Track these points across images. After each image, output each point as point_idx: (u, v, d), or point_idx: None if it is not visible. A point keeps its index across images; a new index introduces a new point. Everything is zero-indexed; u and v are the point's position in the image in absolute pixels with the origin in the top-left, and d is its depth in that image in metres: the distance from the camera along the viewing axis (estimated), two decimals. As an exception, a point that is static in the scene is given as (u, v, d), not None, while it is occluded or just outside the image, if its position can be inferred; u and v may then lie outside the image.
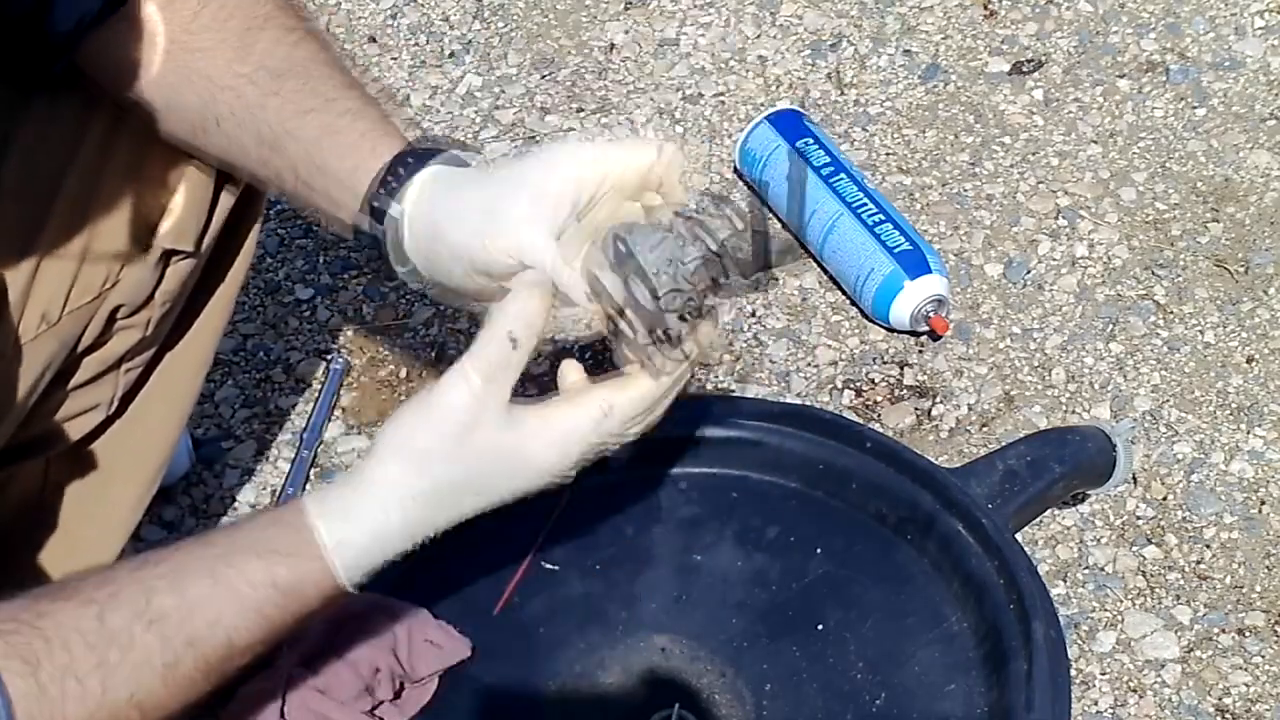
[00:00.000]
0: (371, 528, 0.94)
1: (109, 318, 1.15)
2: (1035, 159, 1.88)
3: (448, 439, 0.94)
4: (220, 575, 0.91)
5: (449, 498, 0.96)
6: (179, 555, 0.93)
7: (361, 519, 0.94)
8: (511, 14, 2.08)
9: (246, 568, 0.92)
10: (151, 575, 0.91)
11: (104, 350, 1.18)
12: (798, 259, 0.93)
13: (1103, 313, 1.73)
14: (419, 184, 1.02)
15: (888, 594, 1.23)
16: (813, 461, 1.30)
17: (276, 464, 1.63)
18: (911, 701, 1.17)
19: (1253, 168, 1.86)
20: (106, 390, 1.21)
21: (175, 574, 0.91)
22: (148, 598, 0.89)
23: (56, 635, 0.86)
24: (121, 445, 1.25)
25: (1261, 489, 1.58)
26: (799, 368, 1.69)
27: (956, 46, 2.01)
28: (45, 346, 1.12)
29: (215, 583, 0.91)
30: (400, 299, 1.77)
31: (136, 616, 0.89)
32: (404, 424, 0.95)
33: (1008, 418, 1.64)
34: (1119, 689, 1.44)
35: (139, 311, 1.17)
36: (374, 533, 0.94)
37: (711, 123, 1.94)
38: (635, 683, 1.19)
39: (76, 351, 1.16)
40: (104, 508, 1.28)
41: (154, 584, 0.90)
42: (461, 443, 0.94)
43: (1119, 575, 1.52)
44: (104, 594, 0.89)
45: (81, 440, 1.23)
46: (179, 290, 1.20)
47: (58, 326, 1.12)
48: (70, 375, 1.17)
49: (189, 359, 1.27)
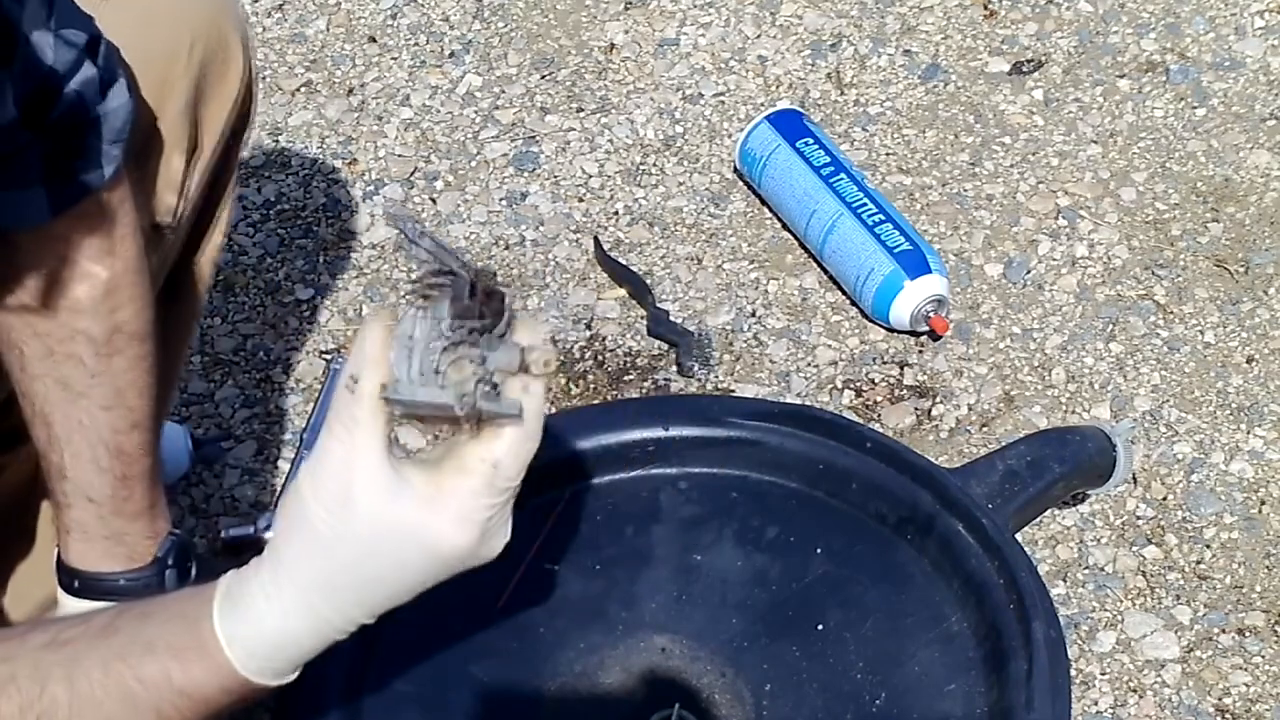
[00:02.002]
0: (270, 622, 0.85)
1: None
2: (1035, 159, 1.88)
3: (331, 510, 0.83)
4: (113, 670, 0.85)
5: (348, 581, 0.85)
6: (85, 639, 0.86)
7: (255, 611, 0.85)
8: (511, 14, 2.08)
9: (141, 665, 0.85)
10: (51, 659, 0.85)
11: None
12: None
13: (1103, 313, 1.73)
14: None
15: (888, 594, 1.23)
16: (813, 461, 1.30)
17: (276, 464, 1.63)
18: (911, 701, 1.17)
19: (1253, 168, 1.86)
20: None
21: (71, 662, 0.85)
22: (42, 685, 0.84)
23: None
24: None
25: (1261, 489, 1.58)
26: (799, 368, 1.69)
27: (956, 46, 2.01)
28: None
29: (107, 678, 0.85)
30: (400, 299, 1.77)
31: (27, 709, 0.84)
32: (291, 507, 0.85)
33: (1008, 418, 1.64)
34: (1119, 689, 1.44)
35: None
36: (273, 627, 0.85)
37: (711, 123, 1.94)
38: (635, 683, 1.19)
39: None
40: None
41: (51, 669, 0.85)
42: (346, 516, 0.83)
43: (1119, 575, 1.52)
44: (3, 671, 0.84)
45: None
46: (158, 267, 1.19)
47: None
48: None
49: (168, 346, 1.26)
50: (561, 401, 1.67)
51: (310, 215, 1.85)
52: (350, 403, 0.83)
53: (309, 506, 0.84)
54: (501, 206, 1.85)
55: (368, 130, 1.93)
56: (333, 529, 0.83)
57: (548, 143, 1.92)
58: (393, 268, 1.80)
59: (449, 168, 1.89)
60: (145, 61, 1.11)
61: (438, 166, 1.89)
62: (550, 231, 1.81)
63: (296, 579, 0.85)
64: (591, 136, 1.93)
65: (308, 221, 1.85)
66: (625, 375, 1.68)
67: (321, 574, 0.84)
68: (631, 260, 1.78)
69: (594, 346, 1.70)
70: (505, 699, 1.14)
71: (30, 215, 1.04)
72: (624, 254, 1.79)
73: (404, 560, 0.85)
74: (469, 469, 0.84)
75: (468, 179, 1.88)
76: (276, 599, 0.85)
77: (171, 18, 1.19)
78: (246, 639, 0.85)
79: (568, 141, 1.93)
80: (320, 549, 0.84)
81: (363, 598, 0.86)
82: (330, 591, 0.85)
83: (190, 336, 1.30)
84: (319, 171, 1.90)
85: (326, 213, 1.85)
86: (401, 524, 0.83)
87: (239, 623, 0.85)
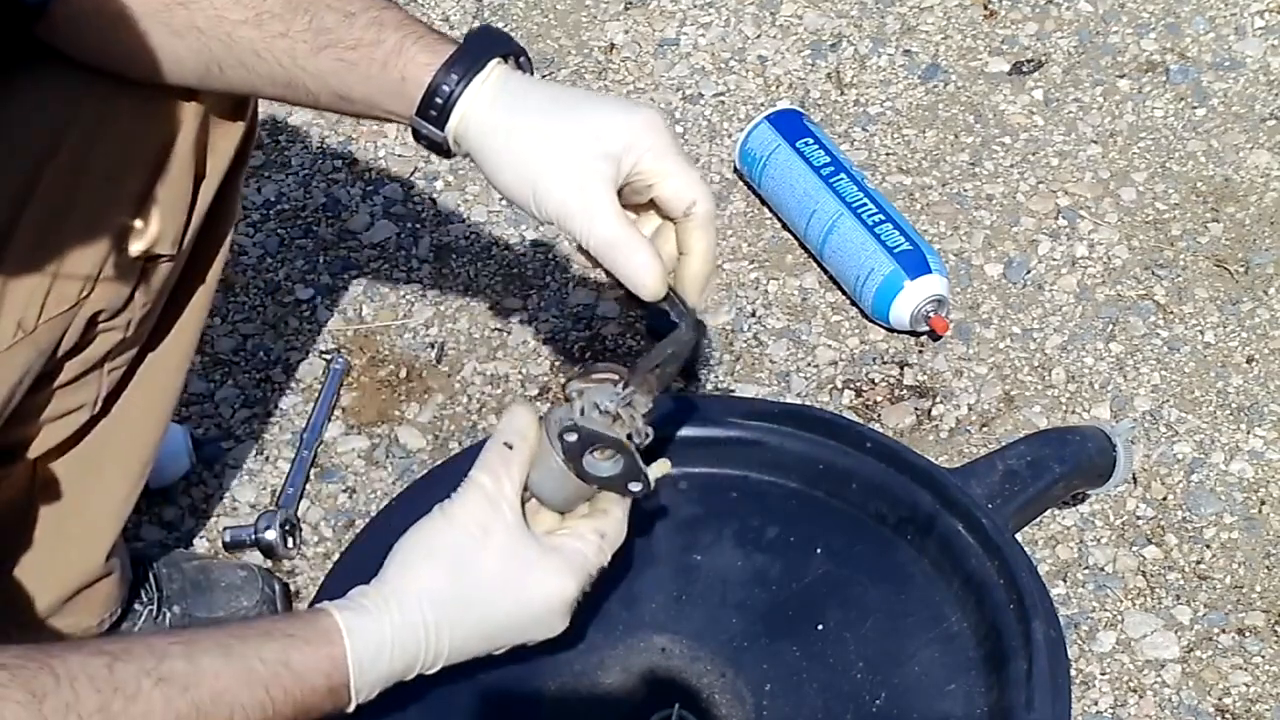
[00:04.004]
0: (390, 621, 0.96)
1: (89, 321, 1.15)
2: (1035, 159, 1.88)
3: (471, 535, 0.98)
4: (233, 650, 0.92)
5: (462, 608, 0.98)
6: (192, 629, 0.95)
7: (379, 612, 0.96)
8: (511, 14, 2.08)
9: (261, 645, 0.93)
10: (164, 640, 0.92)
11: (86, 353, 1.17)
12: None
13: (1103, 313, 1.73)
14: (460, 116, 1.02)
15: (888, 594, 1.23)
16: (813, 461, 1.30)
17: (276, 464, 1.63)
18: (911, 701, 1.17)
19: (1253, 168, 1.86)
20: (90, 391, 1.21)
21: (188, 642, 0.91)
22: (159, 658, 0.90)
23: (65, 674, 0.86)
24: (107, 444, 1.25)
25: (1261, 489, 1.58)
26: (799, 368, 1.69)
27: (956, 46, 2.01)
28: (21, 354, 1.11)
29: (228, 656, 0.92)
30: (400, 299, 1.77)
31: (145, 673, 0.89)
32: (425, 530, 0.99)
33: (1008, 418, 1.64)
34: (1119, 689, 1.44)
35: (119, 314, 1.17)
36: (391, 625, 0.96)
37: (711, 123, 1.94)
38: (635, 683, 1.19)
39: (57, 355, 1.15)
40: (92, 506, 1.28)
41: (167, 648, 0.91)
42: (481, 544, 0.98)
43: (1119, 575, 1.52)
44: (116, 647, 0.90)
45: (67, 440, 1.23)
46: (160, 291, 1.19)
47: (34, 335, 1.10)
48: (53, 378, 1.17)
49: (171, 356, 1.26)
50: (562, 401, 1.67)
51: (310, 215, 1.85)
52: (504, 458, 1.00)
53: (440, 536, 0.98)
54: (501, 206, 1.85)
55: (368, 130, 1.93)
56: (465, 556, 0.98)
57: (548, 143, 1.92)
58: (393, 268, 1.80)
59: (449, 167, 1.89)
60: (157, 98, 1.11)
61: (438, 166, 1.89)
62: (550, 231, 1.81)
63: (423, 592, 0.97)
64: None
65: (308, 221, 1.85)
66: (625, 375, 1.68)
67: (445, 591, 0.97)
68: (631, 260, 1.78)
69: (594, 346, 1.70)
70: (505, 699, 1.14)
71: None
72: (624, 254, 1.79)
73: (509, 597, 0.99)
74: (583, 535, 1.02)
75: (468, 179, 1.88)
76: (399, 607, 0.96)
77: None
78: (368, 633, 0.95)
79: (568, 141, 1.92)
80: (452, 568, 0.97)
81: (468, 633, 0.99)
82: (450, 610, 0.97)
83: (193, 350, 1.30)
84: (319, 171, 1.89)
85: (326, 213, 1.85)
86: (523, 563, 0.99)
87: (363, 619, 0.95)
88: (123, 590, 1.37)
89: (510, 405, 1.04)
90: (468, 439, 1.64)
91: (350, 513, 1.59)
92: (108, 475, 1.28)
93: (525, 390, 1.68)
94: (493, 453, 1.01)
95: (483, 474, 1.00)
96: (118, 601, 1.37)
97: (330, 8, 1.04)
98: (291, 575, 1.55)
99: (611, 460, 1.03)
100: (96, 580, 1.32)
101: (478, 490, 1.00)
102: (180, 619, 1.44)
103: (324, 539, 1.58)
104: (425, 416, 1.67)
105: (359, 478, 1.62)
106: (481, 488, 1.00)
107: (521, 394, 1.68)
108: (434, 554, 0.98)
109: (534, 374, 1.70)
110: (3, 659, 0.85)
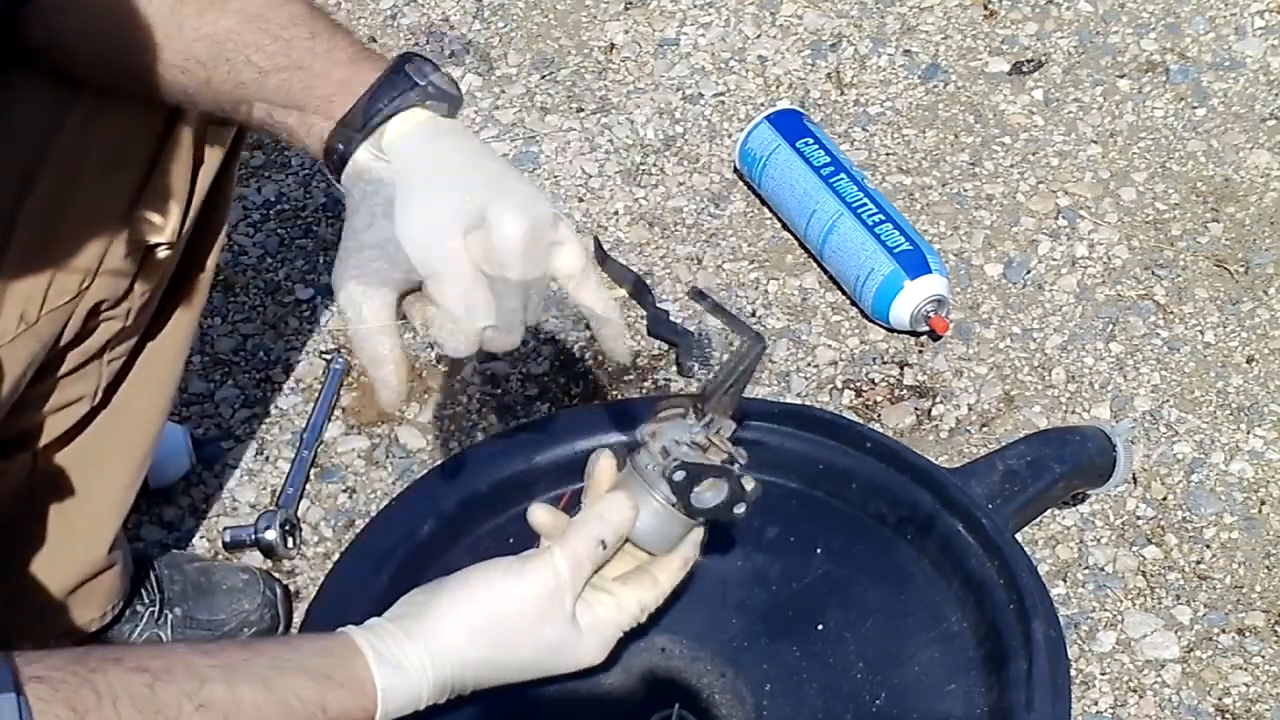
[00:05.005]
0: (421, 680, 0.97)
1: (91, 311, 1.15)
2: (1035, 159, 1.88)
3: (528, 617, 1.00)
4: (272, 684, 0.92)
5: (492, 672, 1.01)
6: (227, 652, 0.94)
7: (415, 673, 0.97)
8: (511, 14, 2.08)
9: (299, 684, 0.93)
10: (204, 662, 0.92)
11: (87, 342, 1.17)
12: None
13: (1103, 313, 1.73)
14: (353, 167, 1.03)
15: (888, 594, 1.23)
16: (813, 461, 1.30)
17: (276, 464, 1.63)
18: (911, 701, 1.17)
19: (1253, 168, 1.86)
20: (90, 382, 1.21)
21: (227, 669, 0.92)
22: (200, 682, 0.90)
23: (107, 692, 0.86)
24: (108, 434, 1.25)
25: (1261, 489, 1.58)
26: (799, 368, 1.69)
27: (956, 46, 2.01)
28: (24, 346, 1.11)
29: (267, 690, 0.92)
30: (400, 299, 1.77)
31: (187, 696, 0.89)
32: (486, 593, 1.00)
33: (1008, 418, 1.64)
34: (1119, 689, 1.44)
35: (120, 304, 1.17)
36: (426, 687, 0.98)
37: (711, 123, 1.94)
38: (635, 683, 1.19)
39: (59, 346, 1.15)
40: (93, 496, 1.28)
41: (207, 671, 0.91)
42: (532, 632, 1.00)
43: (1119, 575, 1.52)
44: (157, 665, 0.90)
45: (68, 432, 1.23)
46: (159, 280, 1.19)
47: (36, 327, 1.11)
48: (54, 368, 1.17)
49: (170, 345, 1.27)
50: (562, 401, 1.67)
51: (310, 215, 1.85)
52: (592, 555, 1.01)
53: (503, 605, 0.99)
54: (501, 206, 1.85)
55: (368, 130, 1.93)
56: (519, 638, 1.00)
57: (547, 143, 1.92)
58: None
59: (449, 168, 1.89)
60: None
61: (438, 166, 1.89)
62: (550, 231, 1.81)
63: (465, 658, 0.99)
64: (591, 136, 1.93)
65: (308, 221, 1.85)
66: (625, 375, 1.68)
67: (486, 661, 1.00)
68: (631, 260, 1.78)
69: (594, 346, 1.70)
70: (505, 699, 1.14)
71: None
72: (624, 254, 1.79)
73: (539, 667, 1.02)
74: (627, 608, 1.04)
75: (468, 179, 1.88)
76: (435, 669, 0.97)
77: None
78: (400, 690, 0.96)
79: (568, 141, 1.93)
80: (490, 645, 0.99)
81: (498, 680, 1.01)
82: (474, 672, 0.99)
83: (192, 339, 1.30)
84: (319, 171, 1.89)
85: (326, 213, 1.85)
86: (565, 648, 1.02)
87: (399, 677, 0.96)
88: (125, 583, 1.38)
89: (609, 495, 1.04)
90: (468, 439, 1.64)
91: (350, 513, 1.59)
92: (109, 466, 1.28)
93: (525, 390, 1.68)
94: (583, 544, 1.01)
95: (564, 562, 1.01)
96: (120, 594, 1.37)
97: (251, 46, 1.04)
98: (291, 575, 1.55)
99: (714, 490, 1.04)
100: (100, 572, 1.33)
101: (552, 577, 1.00)
102: (181, 621, 1.44)
103: (324, 539, 1.58)
104: (425, 416, 1.67)
105: (359, 478, 1.62)
106: (557, 575, 1.00)
107: (521, 394, 1.68)
108: (486, 630, 0.99)
109: (534, 374, 1.70)
110: (42, 670, 0.84)
